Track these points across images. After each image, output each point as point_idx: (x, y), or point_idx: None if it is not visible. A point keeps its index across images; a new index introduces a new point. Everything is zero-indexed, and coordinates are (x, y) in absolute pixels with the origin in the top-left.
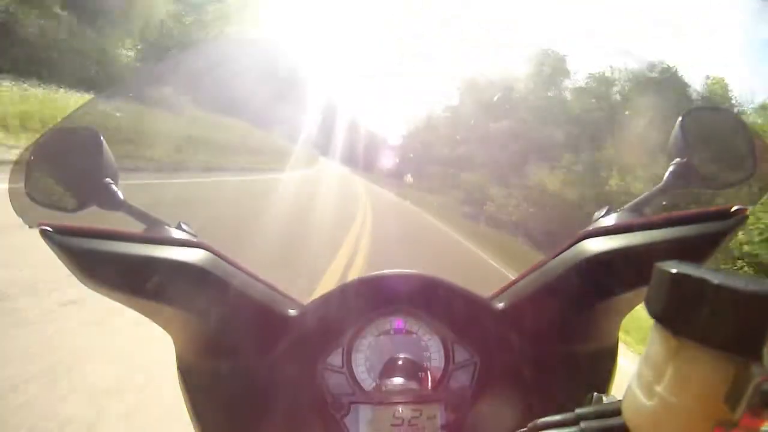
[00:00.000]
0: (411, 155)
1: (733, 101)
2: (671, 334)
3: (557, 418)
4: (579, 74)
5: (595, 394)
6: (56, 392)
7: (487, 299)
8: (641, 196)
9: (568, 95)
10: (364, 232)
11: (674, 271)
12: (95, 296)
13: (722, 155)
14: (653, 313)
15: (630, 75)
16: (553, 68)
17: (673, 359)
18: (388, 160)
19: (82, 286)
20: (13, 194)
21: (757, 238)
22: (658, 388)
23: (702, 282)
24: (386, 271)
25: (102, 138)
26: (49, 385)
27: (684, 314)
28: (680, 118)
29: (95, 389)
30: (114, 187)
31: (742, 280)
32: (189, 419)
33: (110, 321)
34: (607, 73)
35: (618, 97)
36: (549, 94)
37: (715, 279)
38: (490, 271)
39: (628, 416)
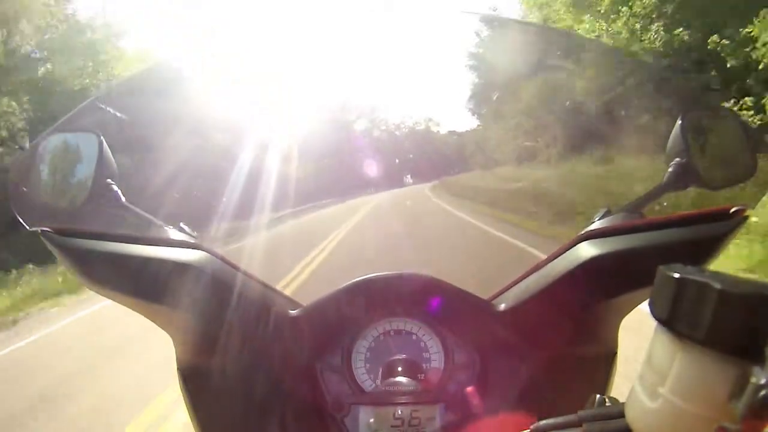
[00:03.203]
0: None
1: None
2: (675, 337)
3: (560, 420)
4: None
5: (598, 396)
6: None
7: (487, 300)
8: (640, 197)
9: None
10: None
11: (677, 274)
12: None
13: (722, 155)
14: (657, 316)
15: None
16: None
17: (677, 362)
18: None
19: None
20: (13, 194)
21: None
22: (662, 390)
23: (705, 286)
24: (386, 273)
25: (102, 139)
26: None
27: (687, 317)
28: (680, 118)
29: None
30: (114, 187)
31: (746, 284)
32: (189, 419)
33: None
34: None
35: None
36: None
37: (718, 283)
38: None
39: (632, 418)
